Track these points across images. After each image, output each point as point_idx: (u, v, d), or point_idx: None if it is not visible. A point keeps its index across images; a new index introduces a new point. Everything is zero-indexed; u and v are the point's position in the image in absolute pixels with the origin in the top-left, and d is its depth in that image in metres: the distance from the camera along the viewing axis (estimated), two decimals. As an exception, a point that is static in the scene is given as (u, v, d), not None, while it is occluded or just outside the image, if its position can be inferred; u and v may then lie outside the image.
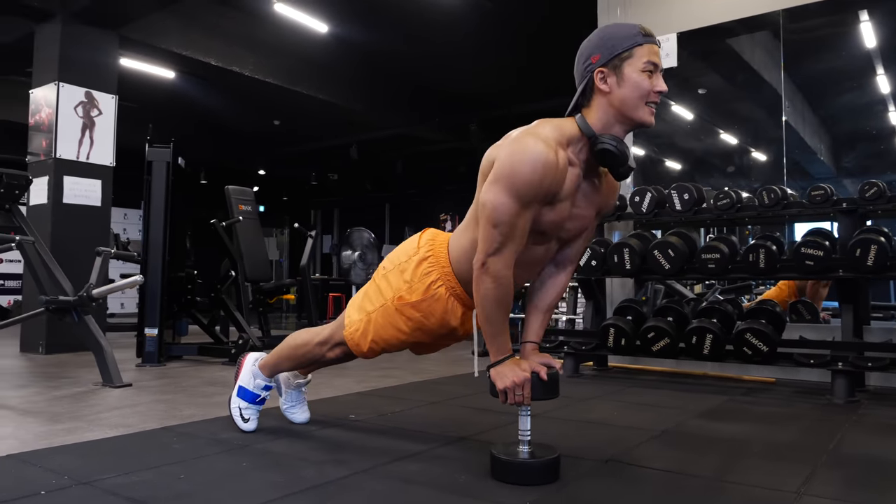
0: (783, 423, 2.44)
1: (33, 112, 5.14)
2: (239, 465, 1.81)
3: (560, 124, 1.63)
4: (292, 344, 2.10)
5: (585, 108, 1.64)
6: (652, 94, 1.59)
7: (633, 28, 1.60)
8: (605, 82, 1.60)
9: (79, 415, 2.58)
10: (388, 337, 1.87)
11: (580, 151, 1.63)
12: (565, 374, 3.68)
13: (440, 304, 1.80)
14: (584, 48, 1.65)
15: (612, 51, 1.59)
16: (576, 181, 1.63)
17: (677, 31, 4.07)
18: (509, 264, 1.61)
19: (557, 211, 1.63)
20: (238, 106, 8.58)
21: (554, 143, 1.56)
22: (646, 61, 1.57)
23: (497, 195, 1.55)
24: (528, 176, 1.52)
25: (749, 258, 3.17)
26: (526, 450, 1.71)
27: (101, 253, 3.58)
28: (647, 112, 1.61)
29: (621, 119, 1.62)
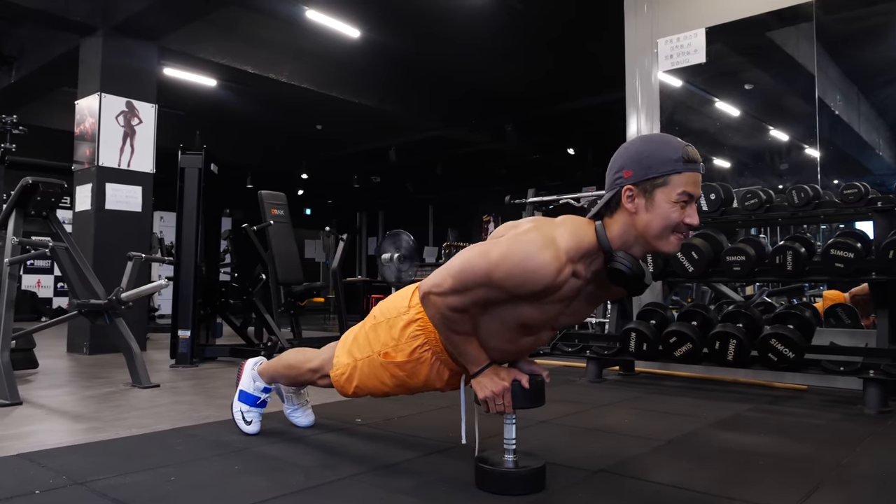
0: (801, 434, 2.34)
1: (78, 122, 5.36)
2: (231, 469, 1.84)
3: (581, 233, 1.51)
4: (286, 363, 2.14)
5: (608, 218, 1.52)
6: (681, 225, 1.47)
7: (675, 150, 1.46)
8: (632, 202, 1.48)
9: (100, 415, 2.67)
10: (371, 386, 1.88)
11: (592, 263, 1.54)
12: (588, 378, 3.61)
13: (425, 367, 1.79)
14: (619, 157, 1.53)
15: (647, 172, 1.46)
16: (575, 291, 1.55)
17: (706, 25, 3.94)
18: (454, 309, 1.56)
19: (545, 310, 1.56)
20: (279, 112, 8.76)
21: (565, 258, 1.47)
22: (681, 192, 1.44)
23: (478, 262, 1.50)
24: (520, 280, 1.46)
25: (776, 260, 3.04)
26: (511, 459, 1.68)
27: (132, 258, 3.70)
28: (671, 243, 1.50)
29: (642, 242, 1.51)
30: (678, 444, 2.16)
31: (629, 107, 4.23)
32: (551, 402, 3.01)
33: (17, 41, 6.63)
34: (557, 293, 1.50)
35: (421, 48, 6.84)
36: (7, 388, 2.93)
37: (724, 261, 3.17)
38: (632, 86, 4.23)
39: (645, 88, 4.19)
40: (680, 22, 4.04)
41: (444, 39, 6.55)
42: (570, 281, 1.50)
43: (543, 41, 6.62)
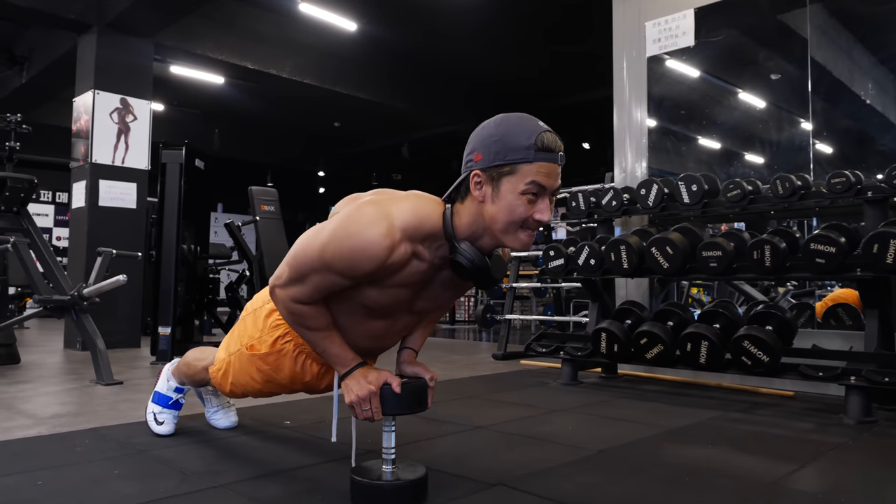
0: (753, 446, 2.12)
1: (75, 119, 5.40)
2: (110, 473, 1.74)
3: (424, 212, 1.38)
4: (185, 361, 2.03)
5: (459, 203, 1.39)
6: (530, 220, 1.32)
7: (528, 135, 1.30)
8: (479, 189, 1.34)
9: (37, 413, 2.62)
10: (244, 383, 1.75)
11: (439, 248, 1.40)
12: (561, 381, 3.42)
13: (288, 360, 1.67)
14: (473, 137, 1.38)
15: (495, 158, 1.31)
16: (420, 275, 1.41)
17: (695, 6, 3.70)
18: (299, 301, 1.43)
19: (391, 294, 1.43)
20: (292, 109, 8.75)
21: (399, 235, 1.33)
22: (530, 182, 1.29)
23: (310, 245, 1.38)
24: (350, 261, 1.33)
25: (753, 256, 2.81)
26: (389, 470, 1.53)
27: (101, 253, 3.68)
28: (519, 238, 1.34)
29: (490, 234, 1.36)
30: (608, 454, 1.97)
31: (616, 96, 4.02)
32: (504, 405, 2.87)
33: (28, 42, 6.76)
34: (398, 275, 1.37)
35: (421, 42, 6.72)
36: (-41, 384, 2.92)
37: (700, 256, 2.95)
38: (619, 73, 4.02)
39: (633, 76, 3.97)
40: (668, 3, 3.81)
41: (444, 32, 6.41)
42: (411, 263, 1.37)
43: (544, 32, 6.41)
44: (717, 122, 4.93)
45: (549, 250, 3.58)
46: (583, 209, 3.74)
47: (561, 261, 3.52)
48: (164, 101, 8.51)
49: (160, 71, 6.49)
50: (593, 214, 3.74)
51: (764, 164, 5.09)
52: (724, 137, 4.96)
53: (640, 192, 3.47)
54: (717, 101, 5.07)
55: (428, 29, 6.32)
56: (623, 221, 3.89)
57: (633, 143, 3.97)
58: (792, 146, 4.65)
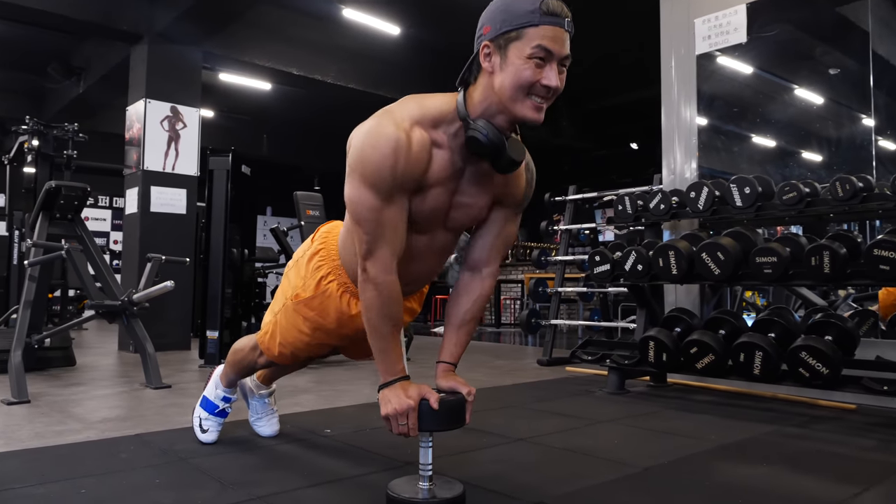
0: (811, 465, 2.00)
1: (128, 128, 5.56)
2: (151, 482, 1.75)
3: (426, 102, 1.42)
4: (234, 350, 2.04)
5: (472, 85, 1.42)
6: (538, 86, 1.33)
7: (534, 1, 1.32)
8: (488, 60, 1.37)
9: (84, 416, 2.69)
10: (292, 339, 1.75)
11: (456, 134, 1.41)
12: (607, 390, 3.33)
13: (333, 301, 1.66)
14: (483, 14, 1.42)
15: (502, 26, 1.34)
16: (448, 166, 1.42)
17: (747, 1, 3.55)
18: (388, 268, 1.42)
19: (430, 199, 1.43)
20: (337, 114, 8.80)
21: (409, 124, 1.37)
22: (536, 45, 1.30)
23: (352, 188, 1.40)
24: (377, 163, 1.34)
25: (811, 262, 2.67)
26: (425, 487, 1.50)
27: (150, 259, 3.76)
28: (527, 107, 1.35)
29: (501, 107, 1.37)
30: (655, 472, 1.89)
31: (664, 94, 3.89)
32: (547, 415, 2.80)
33: (84, 54, 6.99)
34: (429, 172, 1.40)
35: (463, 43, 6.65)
36: (16, 386, 3.01)
37: (754, 262, 2.83)
38: (667, 71, 3.89)
39: (681, 74, 3.84)
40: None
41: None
42: (434, 153, 1.40)
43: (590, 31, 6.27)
44: (770, 119, 4.75)
45: (595, 255, 3.49)
46: (630, 213, 3.64)
47: (607, 266, 3.43)
48: (214, 108, 8.69)
49: (209, 78, 6.63)
50: (641, 218, 3.63)
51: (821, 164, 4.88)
52: (779, 135, 4.77)
53: (690, 195, 3.35)
54: (770, 97, 4.88)
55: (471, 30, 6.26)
56: (672, 225, 3.77)
57: (682, 144, 3.84)
58: (852, 144, 4.44)
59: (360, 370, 4.13)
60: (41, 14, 5.09)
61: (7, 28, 6.47)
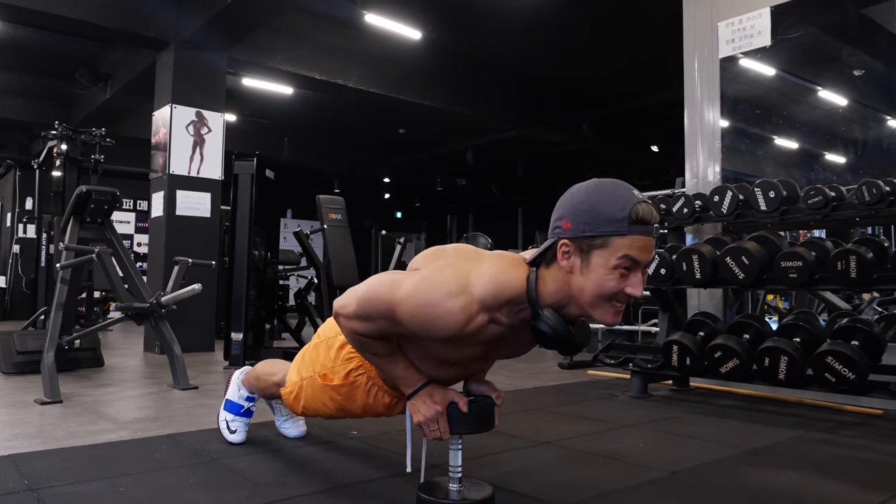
0: (840, 471, 1.99)
1: (154, 132, 5.65)
2: (186, 481, 1.80)
3: (505, 278, 1.33)
4: (255, 375, 2.09)
5: (544, 269, 1.33)
6: (620, 294, 1.25)
7: (622, 207, 1.22)
8: (567, 259, 1.27)
9: (116, 416, 2.75)
10: (316, 408, 1.77)
11: (520, 311, 1.35)
12: (630, 394, 3.33)
13: (360, 392, 1.67)
14: (561, 203, 1.32)
15: (584, 229, 1.24)
16: (498, 336, 1.38)
17: (771, 4, 3.54)
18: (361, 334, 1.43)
19: (463, 352, 1.42)
20: (357, 117, 8.89)
21: (476, 308, 1.29)
22: (622, 256, 1.22)
23: (384, 294, 1.36)
24: (421, 323, 1.32)
25: (837, 266, 2.66)
26: (455, 489, 1.52)
27: (178, 262, 3.82)
28: (608, 311, 1.28)
29: (577, 305, 1.31)
30: (681, 477, 1.90)
31: (687, 98, 3.89)
32: (571, 419, 2.81)
33: (111, 60, 7.12)
34: (473, 339, 1.34)
35: (486, 47, 6.71)
36: (49, 387, 3.09)
37: (779, 266, 2.82)
38: (690, 75, 3.88)
39: (704, 77, 3.83)
40: (742, 3, 3.66)
41: (509, 38, 6.37)
42: (488, 327, 1.33)
43: (611, 34, 6.28)
44: (794, 122, 4.72)
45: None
46: (652, 216, 3.63)
47: (629, 270, 3.43)
48: (236, 113, 8.80)
49: (232, 83, 6.72)
50: (663, 222, 3.62)
51: (846, 167, 4.83)
52: (802, 138, 4.74)
53: (714, 199, 3.34)
54: (794, 99, 4.85)
55: (492, 35, 6.31)
56: (695, 229, 3.76)
57: (706, 147, 3.83)
58: (879, 147, 4.40)
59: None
60: (72, 22, 5.19)
61: (37, 35, 6.61)
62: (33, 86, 8.17)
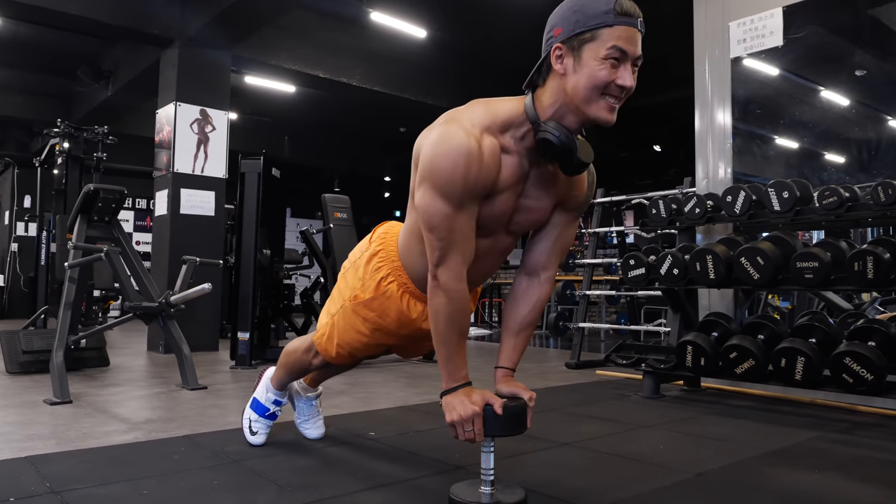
0: (864, 473, 1.99)
1: (158, 131, 5.62)
2: (210, 483, 1.78)
3: (494, 106, 1.43)
4: (286, 351, 2.06)
5: (540, 88, 1.42)
6: (612, 86, 1.32)
7: (608, 2, 1.32)
8: (560, 62, 1.36)
9: (132, 417, 2.73)
10: (350, 340, 1.77)
11: (524, 137, 1.42)
12: (643, 394, 3.32)
13: (393, 302, 1.67)
14: (553, 15, 1.42)
15: (575, 27, 1.34)
16: (516, 170, 1.43)
17: (783, 4, 3.53)
18: (460, 276, 1.44)
19: (498, 204, 1.44)
20: (359, 116, 8.87)
21: (478, 130, 1.37)
22: (611, 46, 1.30)
23: (425, 196, 1.40)
24: (450, 172, 1.35)
25: (854, 267, 2.65)
26: (487, 491, 1.51)
27: (186, 261, 3.80)
28: (602, 107, 1.35)
29: (573, 109, 1.37)
30: (707, 478, 1.89)
31: (698, 99, 3.88)
32: (587, 420, 2.80)
33: (113, 57, 7.08)
34: (501, 177, 1.41)
35: (489, 45, 6.68)
36: (59, 387, 3.06)
37: (795, 267, 2.81)
38: (701, 76, 3.88)
39: (715, 78, 3.82)
40: (754, 2, 3.65)
41: (512, 34, 6.34)
42: (503, 159, 1.40)
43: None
44: (803, 122, 4.72)
45: (629, 259, 3.49)
46: (664, 216, 3.63)
47: (642, 270, 3.42)
48: (237, 111, 8.77)
49: (234, 81, 6.68)
50: (675, 222, 3.62)
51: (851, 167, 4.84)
52: (812, 139, 4.74)
53: (726, 199, 3.33)
54: (804, 101, 4.85)
55: (498, 33, 6.29)
56: (706, 229, 3.76)
57: (717, 147, 3.83)
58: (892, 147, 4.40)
59: (392, 372, 4.15)
60: (77, 19, 5.16)
61: (39, 32, 6.57)
62: (34, 83, 8.12)
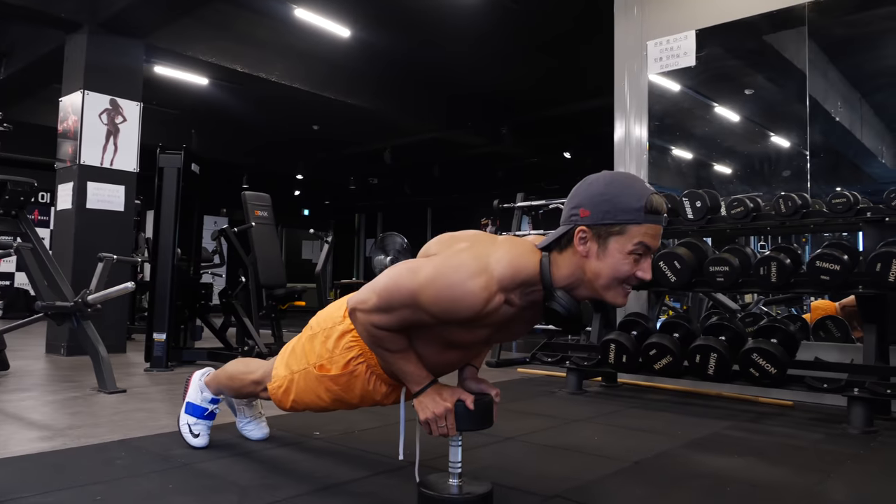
0: (778, 457, 2.22)
1: (61, 119, 5.28)
2: (164, 487, 1.74)
3: (520, 261, 1.41)
4: (229, 374, 2.04)
5: (556, 253, 1.42)
6: (632, 278, 1.37)
7: (639, 198, 1.33)
8: (584, 244, 1.37)
9: (54, 423, 2.58)
10: (308, 401, 1.77)
11: (531, 293, 1.43)
12: (567, 390, 3.50)
13: (359, 382, 1.69)
14: (579, 192, 1.41)
15: (604, 217, 1.34)
16: (508, 317, 1.45)
17: (697, 27, 3.83)
18: (380, 327, 1.46)
19: (475, 333, 1.47)
20: (274, 112, 8.68)
21: (496, 287, 1.36)
22: (637, 243, 1.33)
23: (405, 282, 1.40)
24: (444, 306, 1.37)
25: (760, 272, 2.93)
26: (455, 483, 1.58)
27: (102, 259, 3.62)
28: (619, 293, 1.40)
29: (589, 288, 1.41)
30: (645, 466, 2.05)
31: (617, 111, 4.13)
32: (523, 415, 2.93)
33: (8, 38, 6.56)
34: (487, 319, 1.41)
35: (414, 49, 6.75)
36: (-37, 393, 2.84)
37: (708, 271, 3.06)
38: (620, 90, 4.12)
39: (634, 92, 4.08)
40: (670, 24, 3.93)
41: (437, 41, 6.46)
42: (502, 308, 1.40)
43: (538, 44, 6.52)
44: (703, 137, 5.09)
45: (555, 262, 3.65)
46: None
47: (567, 272, 3.59)
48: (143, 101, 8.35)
49: (144, 71, 6.38)
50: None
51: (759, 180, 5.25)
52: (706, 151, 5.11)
53: (645, 207, 3.56)
54: (703, 117, 5.23)
55: (422, 37, 6.37)
56: (623, 234, 3.99)
57: (634, 158, 4.09)
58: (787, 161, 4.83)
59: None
60: (-31, -4, 4.77)
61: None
62: None
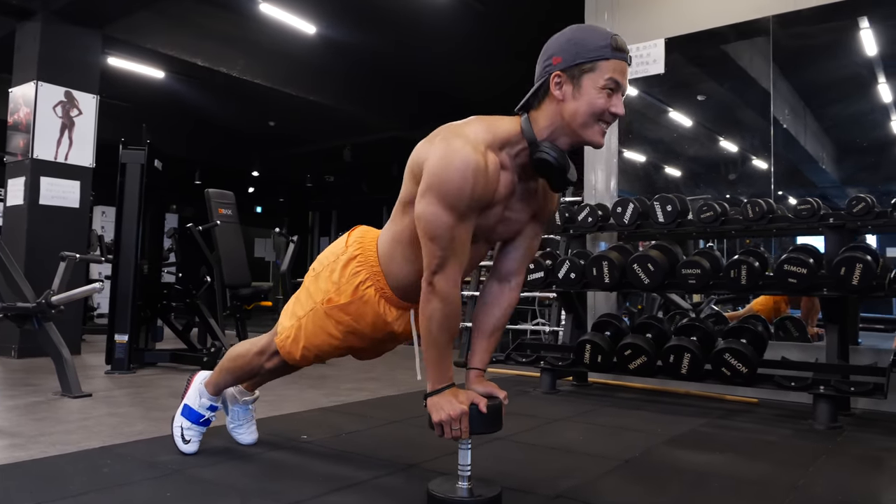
0: (755, 452, 2.32)
1: (12, 111, 5.05)
2: (162, 495, 1.69)
3: (494, 124, 1.52)
4: (232, 356, 2.00)
5: (534, 110, 1.52)
6: (606, 113, 1.46)
7: (605, 37, 1.46)
8: (559, 88, 1.47)
9: (22, 430, 2.47)
10: (319, 343, 1.77)
11: (517, 155, 1.52)
12: (541, 390, 3.55)
13: (370, 307, 1.70)
14: (550, 45, 1.52)
15: (575, 58, 1.45)
16: (509, 186, 1.53)
17: (666, 36, 3.94)
18: (456, 282, 1.51)
19: (489, 216, 1.54)
20: (231, 107, 8.50)
21: (483, 147, 1.45)
22: (608, 78, 1.44)
23: (429, 207, 1.45)
24: (458, 185, 1.42)
25: (731, 274, 3.04)
26: (465, 486, 1.59)
27: (65, 258, 3.48)
28: (596, 131, 1.49)
29: (569, 132, 1.50)
30: (636, 464, 2.10)
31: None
32: (507, 415, 2.95)
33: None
34: (497, 193, 1.49)
35: (380, 48, 6.72)
36: (-81, 399, 2.70)
37: (680, 273, 3.16)
38: (591, 94, 4.20)
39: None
40: (640, 32, 4.03)
41: (404, 40, 6.44)
42: (500, 174, 1.49)
43: (511, 50, 6.56)
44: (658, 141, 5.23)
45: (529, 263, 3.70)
46: (558, 224, 3.90)
47: (541, 273, 3.65)
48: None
49: (98, 62, 6.16)
50: (568, 229, 3.90)
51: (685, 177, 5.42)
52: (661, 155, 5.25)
53: (616, 210, 3.65)
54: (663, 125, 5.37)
55: (392, 37, 6.34)
56: (594, 236, 4.08)
57: (604, 164, 4.17)
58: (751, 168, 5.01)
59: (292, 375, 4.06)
60: None
61: None
62: None
